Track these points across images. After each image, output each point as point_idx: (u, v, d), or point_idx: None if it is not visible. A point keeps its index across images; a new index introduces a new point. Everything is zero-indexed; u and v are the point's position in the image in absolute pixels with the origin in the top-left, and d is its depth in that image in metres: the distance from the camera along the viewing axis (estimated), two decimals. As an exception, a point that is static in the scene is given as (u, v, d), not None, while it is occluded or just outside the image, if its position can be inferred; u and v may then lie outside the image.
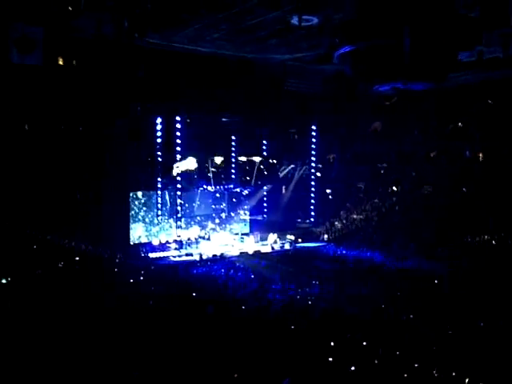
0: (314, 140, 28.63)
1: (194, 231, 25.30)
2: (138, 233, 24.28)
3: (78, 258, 18.22)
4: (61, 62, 19.25)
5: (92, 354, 8.92)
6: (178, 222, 25.12)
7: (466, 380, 8.25)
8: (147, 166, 23.86)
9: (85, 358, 8.70)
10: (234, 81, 23.42)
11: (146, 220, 24.69)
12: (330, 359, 8.87)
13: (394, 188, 27.03)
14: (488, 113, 24.45)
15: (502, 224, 21.37)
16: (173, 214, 25.14)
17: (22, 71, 17.51)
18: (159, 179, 24.36)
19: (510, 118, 23.46)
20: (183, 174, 24.46)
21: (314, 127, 28.47)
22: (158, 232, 24.82)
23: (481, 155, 25.00)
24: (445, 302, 13.71)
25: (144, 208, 24.62)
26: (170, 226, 25.21)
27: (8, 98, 18.75)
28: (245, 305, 13.30)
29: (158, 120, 23.99)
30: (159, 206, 24.67)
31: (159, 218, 24.77)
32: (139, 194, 24.54)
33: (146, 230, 24.62)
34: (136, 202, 24.38)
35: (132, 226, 24.01)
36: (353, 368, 8.59)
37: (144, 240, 24.24)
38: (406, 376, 8.25)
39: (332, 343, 9.87)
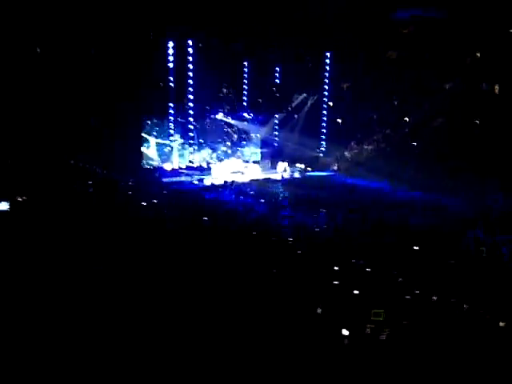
0: (328, 68, 28.11)
1: (205, 154, 25.64)
2: (150, 153, 24.56)
3: (91, 182, 18.56)
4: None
5: (105, 275, 9.26)
6: (190, 148, 25.36)
7: (464, 306, 8.58)
8: (159, 91, 23.75)
9: (97, 280, 9.04)
10: (246, 4, 22.79)
11: (159, 141, 24.86)
12: (335, 282, 9.24)
13: (407, 119, 26.74)
14: (507, 44, 23.74)
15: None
16: (184, 137, 25.32)
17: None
18: (171, 104, 24.34)
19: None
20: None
21: (328, 54, 27.87)
22: (169, 153, 25.05)
23: (497, 87, 24.48)
24: (450, 233, 13.89)
25: (157, 128, 24.75)
26: (183, 148, 25.42)
27: (18, 19, 18.46)
28: (254, 229, 13.66)
29: (170, 44, 23.62)
30: (171, 131, 24.82)
31: (172, 142, 24.94)
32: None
33: (158, 151, 24.83)
34: (148, 122, 24.51)
35: (145, 145, 24.35)
36: (356, 292, 8.94)
37: (156, 162, 24.56)
38: (408, 298, 8.60)
39: (336, 268, 10.23)
